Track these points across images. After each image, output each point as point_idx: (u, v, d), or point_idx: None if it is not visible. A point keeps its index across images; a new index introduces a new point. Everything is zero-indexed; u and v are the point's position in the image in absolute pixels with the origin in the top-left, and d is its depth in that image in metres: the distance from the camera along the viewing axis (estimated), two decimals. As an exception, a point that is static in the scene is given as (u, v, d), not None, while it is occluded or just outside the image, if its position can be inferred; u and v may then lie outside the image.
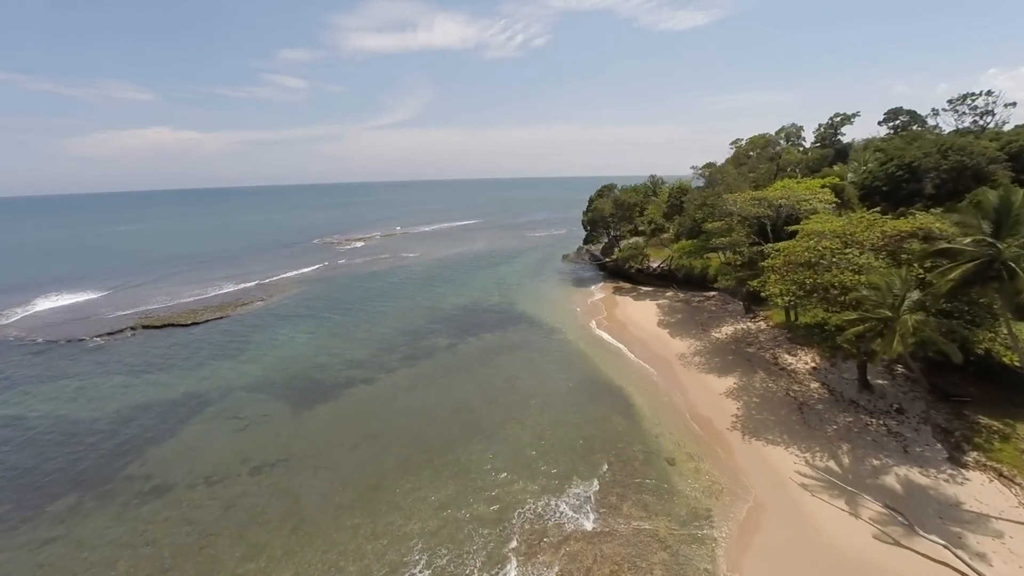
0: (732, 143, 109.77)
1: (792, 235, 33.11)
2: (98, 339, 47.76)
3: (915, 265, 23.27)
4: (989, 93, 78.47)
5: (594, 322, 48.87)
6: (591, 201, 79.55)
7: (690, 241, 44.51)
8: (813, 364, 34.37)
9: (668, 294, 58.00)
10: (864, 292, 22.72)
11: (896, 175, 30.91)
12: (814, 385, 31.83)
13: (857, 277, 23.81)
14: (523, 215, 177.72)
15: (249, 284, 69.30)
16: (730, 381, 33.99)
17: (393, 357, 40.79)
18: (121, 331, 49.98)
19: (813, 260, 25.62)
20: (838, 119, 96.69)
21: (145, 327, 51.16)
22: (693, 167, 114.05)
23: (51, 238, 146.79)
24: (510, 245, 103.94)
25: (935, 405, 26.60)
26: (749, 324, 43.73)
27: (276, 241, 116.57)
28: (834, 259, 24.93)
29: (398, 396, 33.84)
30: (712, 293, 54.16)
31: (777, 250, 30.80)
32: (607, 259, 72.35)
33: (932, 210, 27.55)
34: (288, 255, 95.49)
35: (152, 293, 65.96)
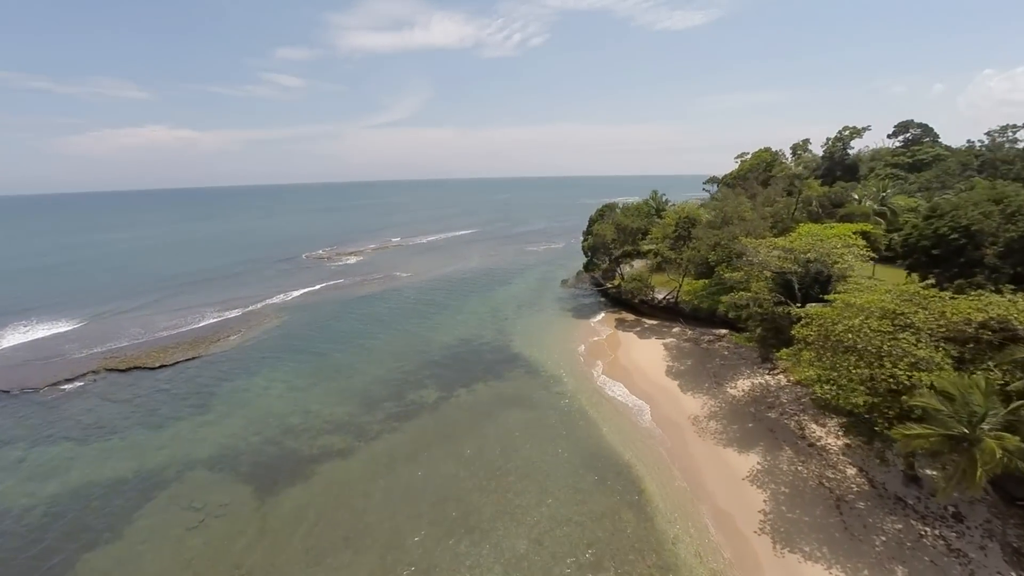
0: (737, 157, 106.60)
1: (822, 296, 29.34)
2: (55, 387, 43.62)
3: (994, 369, 19.47)
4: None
5: (597, 369, 44.95)
6: (591, 223, 75.52)
7: (701, 282, 40.70)
8: (846, 440, 30.56)
9: (675, 330, 54.17)
10: (931, 399, 18.85)
11: (950, 238, 27.08)
12: (851, 472, 27.99)
13: (918, 375, 19.93)
14: (520, 224, 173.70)
15: (230, 313, 65.12)
16: (752, 460, 30.13)
17: (375, 418, 36.75)
18: (83, 375, 45.85)
19: (859, 345, 21.72)
20: (847, 132, 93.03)
21: (110, 370, 47.02)
22: (705, 187, 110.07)
23: (35, 248, 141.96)
24: (507, 262, 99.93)
25: (1002, 513, 22.76)
26: (767, 377, 39.89)
27: (266, 255, 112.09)
28: (885, 346, 21.03)
29: (378, 477, 29.82)
30: (722, 331, 50.39)
31: (809, 317, 26.92)
32: (609, 285, 68.49)
33: (1002, 286, 23.71)
34: (276, 274, 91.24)
35: (127, 324, 61.75)
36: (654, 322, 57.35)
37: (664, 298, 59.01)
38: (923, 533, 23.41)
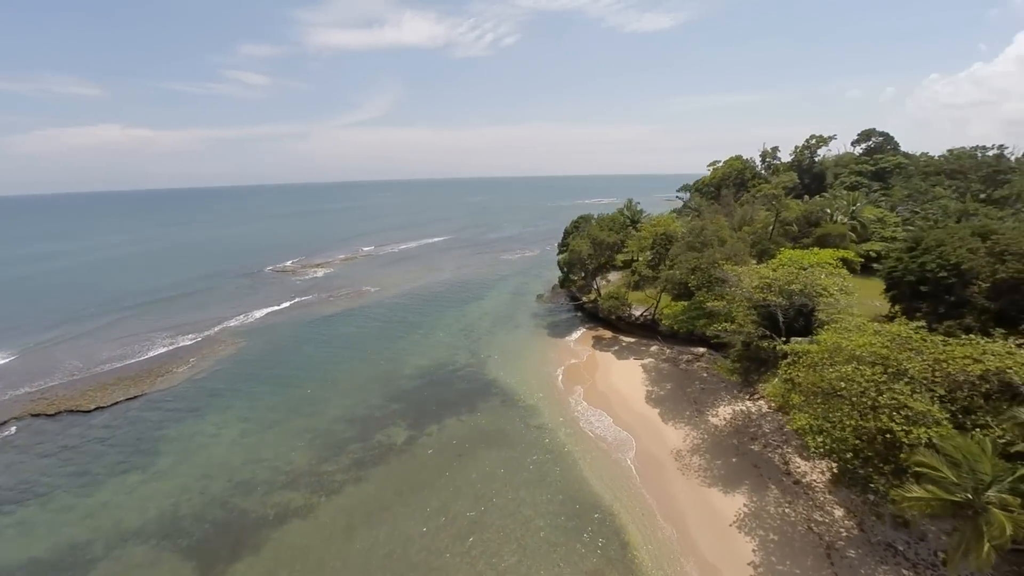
0: (710, 164, 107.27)
1: (806, 329, 28.32)
2: (-29, 439, 38.75)
3: (994, 426, 18.48)
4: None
5: (575, 396, 43.15)
6: (566, 235, 74.08)
7: (680, 304, 39.51)
8: (831, 473, 29.58)
9: (653, 348, 53.00)
10: (932, 460, 17.62)
11: (939, 275, 26.42)
12: (838, 514, 26.93)
13: (916, 431, 18.74)
14: (494, 229, 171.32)
15: (182, 339, 60.37)
16: (739, 501, 28.79)
17: (337, 466, 33.78)
18: (4, 424, 41.01)
19: (853, 395, 20.46)
20: (814, 141, 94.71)
21: (36, 415, 42.29)
22: (678, 194, 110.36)
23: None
24: (481, 273, 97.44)
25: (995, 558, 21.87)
26: (748, 404, 38.88)
27: (227, 269, 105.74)
28: (881, 398, 19.82)
29: (333, 544, 26.97)
30: (700, 350, 49.45)
31: (796, 355, 25.73)
32: (585, 299, 67.07)
33: (992, 329, 23.07)
34: (236, 292, 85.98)
35: (63, 356, 56.31)
36: (631, 340, 56.12)
37: (642, 315, 57.85)
38: (917, 586, 22.45)
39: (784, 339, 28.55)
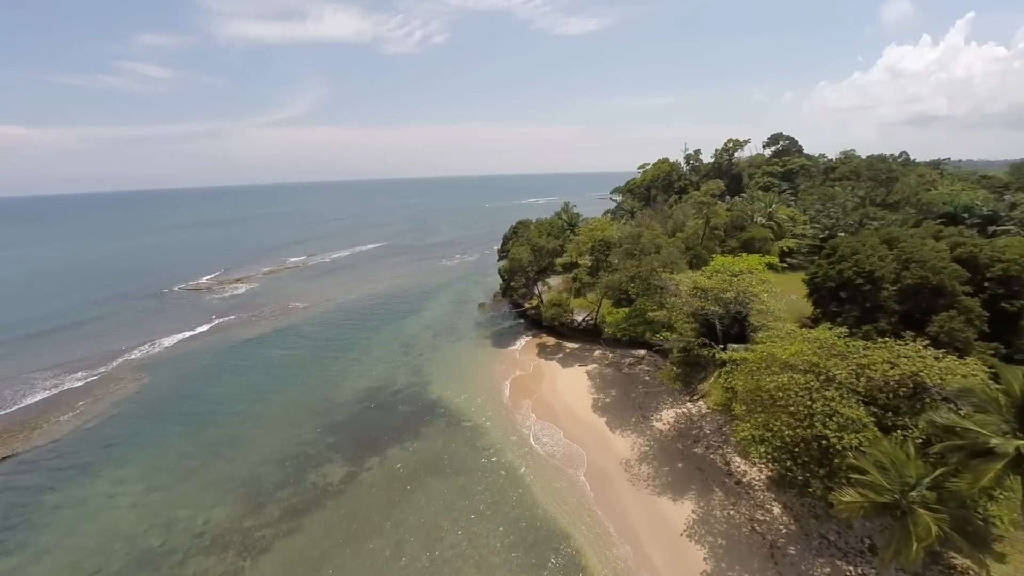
0: (639, 167, 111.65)
1: (741, 335, 29.43)
2: None
3: (911, 427, 19.84)
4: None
5: (523, 410, 42.29)
6: (505, 240, 73.29)
7: (622, 311, 40.01)
8: (768, 472, 30.96)
9: (596, 353, 53.60)
10: (863, 463, 18.50)
11: (856, 283, 28.53)
12: (777, 511, 28.13)
13: (848, 437, 19.69)
14: (432, 234, 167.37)
15: (69, 380, 52.06)
16: (687, 508, 29.28)
17: (266, 518, 30.25)
18: None
19: (791, 405, 21.20)
20: (732, 144, 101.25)
21: None
22: (612, 196, 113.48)
23: None
24: (420, 281, 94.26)
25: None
26: (689, 405, 40.08)
27: (129, 290, 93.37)
28: (816, 405, 20.69)
29: (268, 611, 24.00)
30: (641, 352, 50.59)
31: (734, 362, 26.51)
32: (527, 305, 66.68)
33: (904, 332, 25.11)
34: (140, 317, 76.19)
35: (-95, 411, 46.43)
36: (575, 345, 56.43)
37: (584, 320, 58.35)
38: (848, 573, 23.80)
39: (722, 346, 29.52)
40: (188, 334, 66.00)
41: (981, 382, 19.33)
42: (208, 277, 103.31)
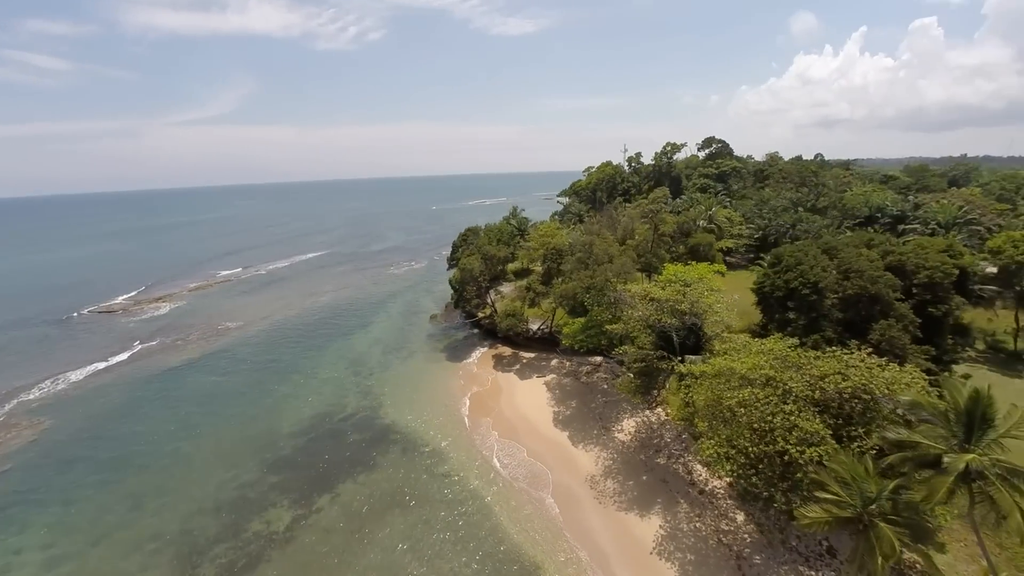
0: (585, 170, 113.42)
1: (696, 346, 29.85)
2: None
3: (864, 437, 20.63)
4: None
5: (483, 429, 40.90)
6: (455, 248, 71.45)
7: (578, 322, 39.70)
8: (729, 478, 31.61)
9: (553, 363, 53.24)
10: (825, 478, 18.89)
11: (803, 293, 29.73)
12: (740, 518, 28.69)
13: (809, 451, 20.12)
14: (377, 240, 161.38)
15: (-53, 429, 44.33)
16: (654, 524, 29.20)
17: (201, 580, 26.88)
18: None
19: (754, 422, 21.41)
20: (669, 148, 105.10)
21: None
22: (559, 199, 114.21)
23: None
24: (367, 292, 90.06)
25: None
26: (647, 413, 40.50)
27: (22, 316, 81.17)
28: (776, 420, 21.01)
29: None
30: (597, 359, 50.76)
31: (693, 376, 26.67)
32: (481, 315, 65.26)
33: (849, 341, 26.37)
34: (36, 348, 66.60)
35: None
36: (531, 355, 55.75)
37: (539, 329, 57.80)
38: (811, 579, 24.54)
39: (680, 358, 29.81)
40: (101, 365, 58.53)
41: (923, 390, 20.44)
42: (125, 297, 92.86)
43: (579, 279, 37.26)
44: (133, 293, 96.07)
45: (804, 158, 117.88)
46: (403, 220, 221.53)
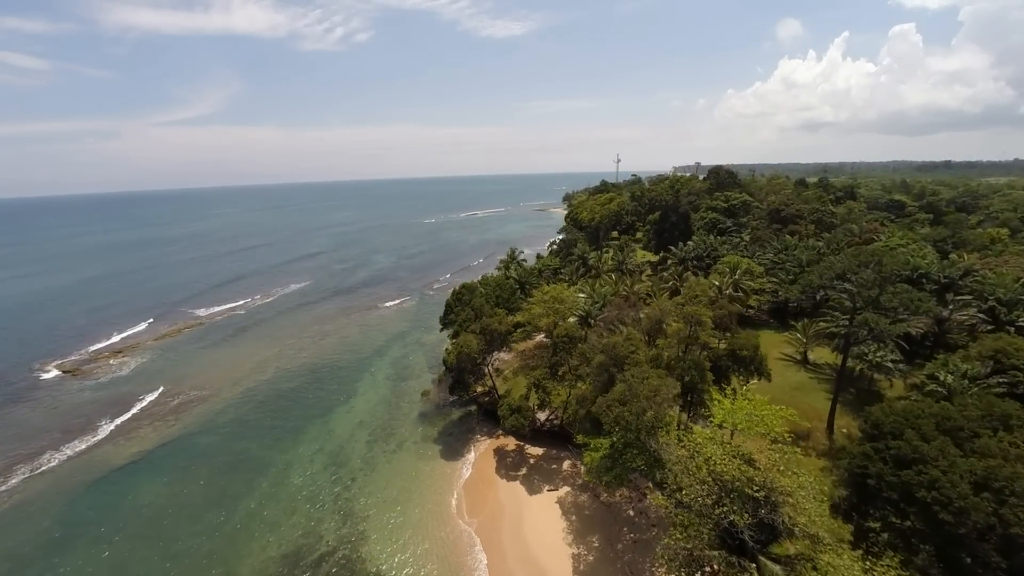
0: (579, 193, 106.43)
1: (769, 540, 22.75)
2: None
3: None
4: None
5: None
6: (448, 308, 63.87)
7: (601, 451, 32.29)
8: None
9: (565, 465, 46.24)
10: None
11: (933, 509, 22.47)
12: None
13: None
14: (363, 264, 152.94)
15: None
16: None
17: None
18: None
19: None
20: (677, 182, 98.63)
21: None
22: (559, 235, 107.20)
23: None
24: (350, 345, 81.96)
25: None
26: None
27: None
28: None
29: None
30: (617, 463, 43.62)
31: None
32: (480, 389, 57.90)
33: None
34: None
35: None
36: (539, 452, 48.56)
37: (547, 419, 50.61)
38: None
39: (752, 563, 22.75)
40: (24, 471, 49.13)
41: None
42: (78, 353, 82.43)
43: (608, 411, 29.79)
44: (90, 343, 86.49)
45: (792, 162, 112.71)
46: (391, 237, 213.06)
